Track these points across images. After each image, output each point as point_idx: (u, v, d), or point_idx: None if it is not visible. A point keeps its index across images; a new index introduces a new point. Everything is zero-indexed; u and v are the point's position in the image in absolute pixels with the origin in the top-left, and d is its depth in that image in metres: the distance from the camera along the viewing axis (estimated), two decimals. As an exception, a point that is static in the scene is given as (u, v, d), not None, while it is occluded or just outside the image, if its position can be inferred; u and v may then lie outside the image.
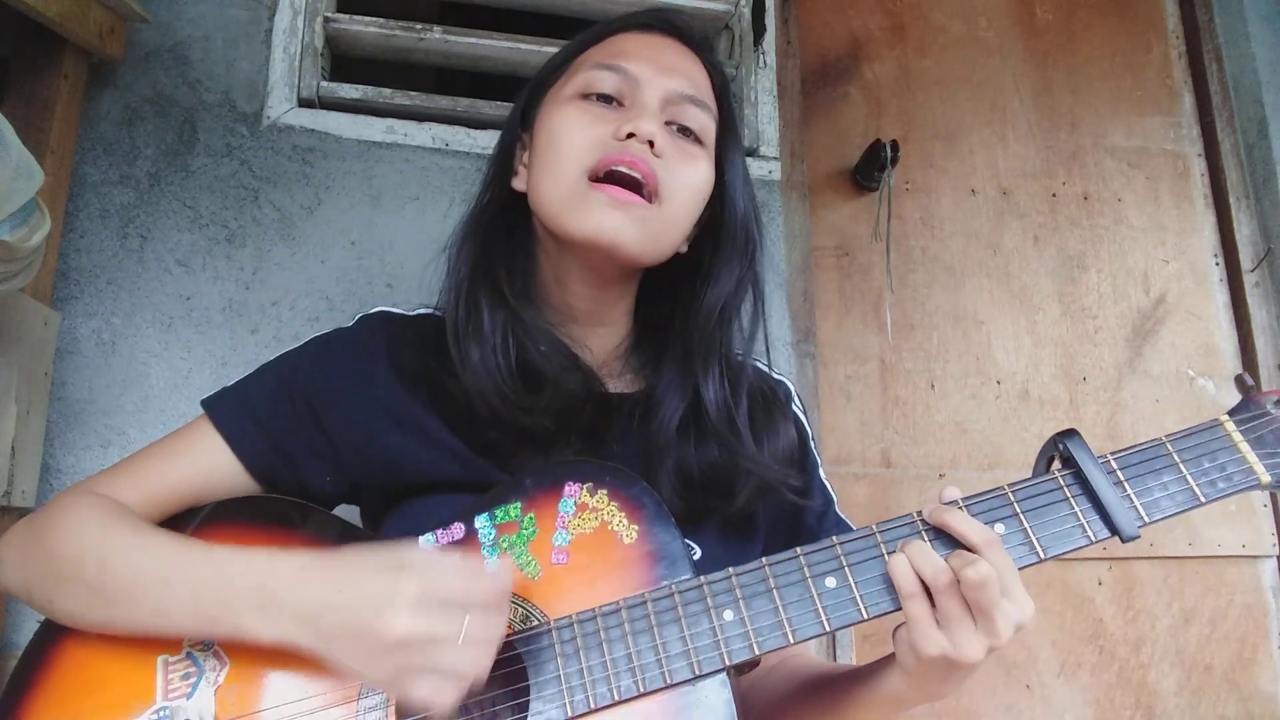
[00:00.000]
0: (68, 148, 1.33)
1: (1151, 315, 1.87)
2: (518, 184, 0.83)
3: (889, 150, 1.68)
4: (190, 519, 0.77)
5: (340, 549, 0.66)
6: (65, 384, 1.30)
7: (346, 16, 1.52)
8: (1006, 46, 1.95)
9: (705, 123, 0.80)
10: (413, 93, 1.53)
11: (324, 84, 1.50)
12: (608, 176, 0.74)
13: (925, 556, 0.63)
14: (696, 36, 0.85)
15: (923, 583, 0.63)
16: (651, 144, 0.75)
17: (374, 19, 1.52)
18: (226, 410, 0.80)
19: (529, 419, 0.76)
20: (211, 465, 0.78)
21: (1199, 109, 2.01)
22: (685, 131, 0.79)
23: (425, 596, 0.60)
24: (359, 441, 0.79)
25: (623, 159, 0.73)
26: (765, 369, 0.93)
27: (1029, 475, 0.71)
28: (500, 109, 1.55)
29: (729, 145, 0.84)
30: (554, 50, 1.54)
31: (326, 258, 1.43)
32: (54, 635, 0.72)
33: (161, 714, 0.67)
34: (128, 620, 0.68)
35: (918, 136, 1.84)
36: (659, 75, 0.78)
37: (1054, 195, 1.89)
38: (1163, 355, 1.85)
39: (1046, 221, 1.87)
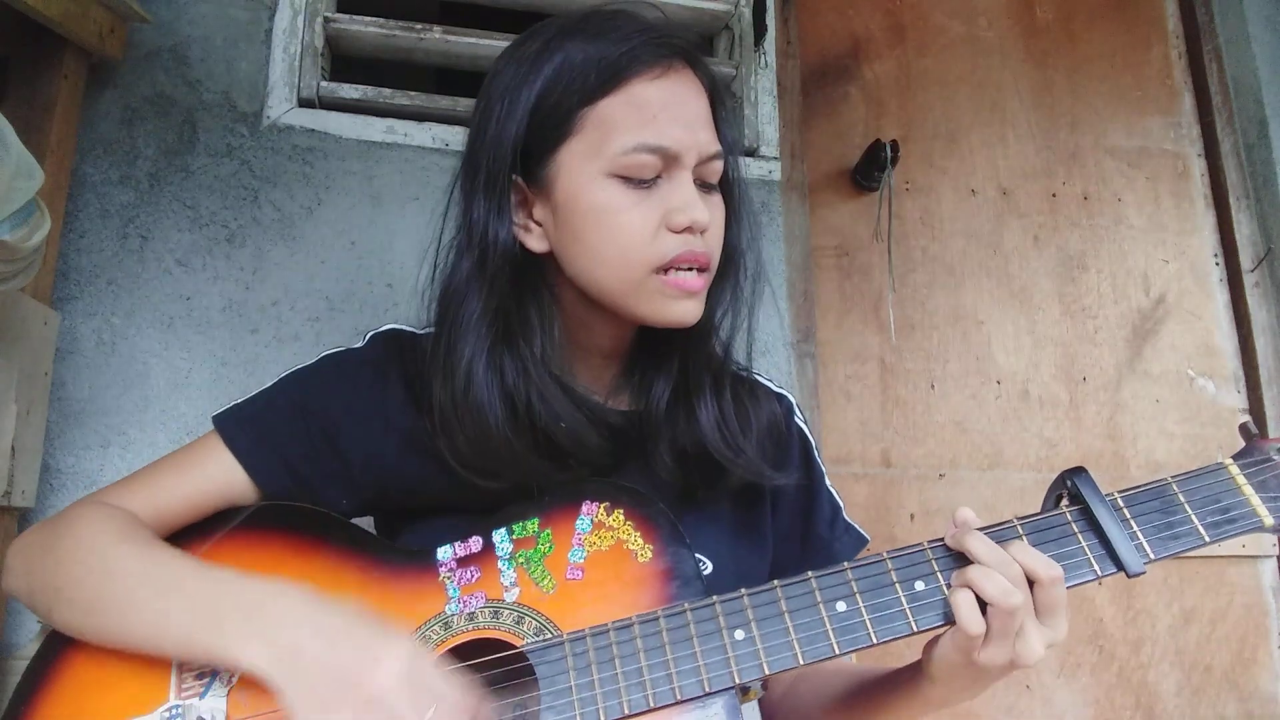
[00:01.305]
0: (68, 148, 1.33)
1: (1151, 315, 1.87)
2: (533, 243, 0.76)
3: (889, 150, 1.68)
4: (233, 516, 0.78)
5: (346, 597, 0.68)
6: (65, 384, 1.30)
7: (346, 16, 1.52)
8: (1006, 46, 1.95)
9: (721, 169, 0.79)
10: (413, 93, 1.53)
11: (324, 84, 1.50)
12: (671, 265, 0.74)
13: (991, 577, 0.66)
14: (693, 51, 0.79)
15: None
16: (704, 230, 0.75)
17: (374, 19, 1.52)
18: (240, 431, 0.79)
19: (543, 480, 0.77)
20: (224, 485, 0.78)
21: (1199, 109, 2.01)
22: (707, 186, 0.77)
23: (414, 667, 0.62)
24: (374, 466, 0.79)
25: (688, 259, 0.73)
26: (765, 382, 0.93)
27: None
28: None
29: (730, 173, 0.81)
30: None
31: (326, 258, 1.43)
32: None
33: (173, 712, 0.67)
34: (122, 633, 0.68)
35: (918, 136, 1.85)
36: (690, 135, 0.74)
37: (1054, 195, 1.89)
38: (1163, 355, 1.85)
39: (1046, 221, 1.87)
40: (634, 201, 0.72)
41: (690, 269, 0.74)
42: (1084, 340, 1.83)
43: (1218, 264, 1.93)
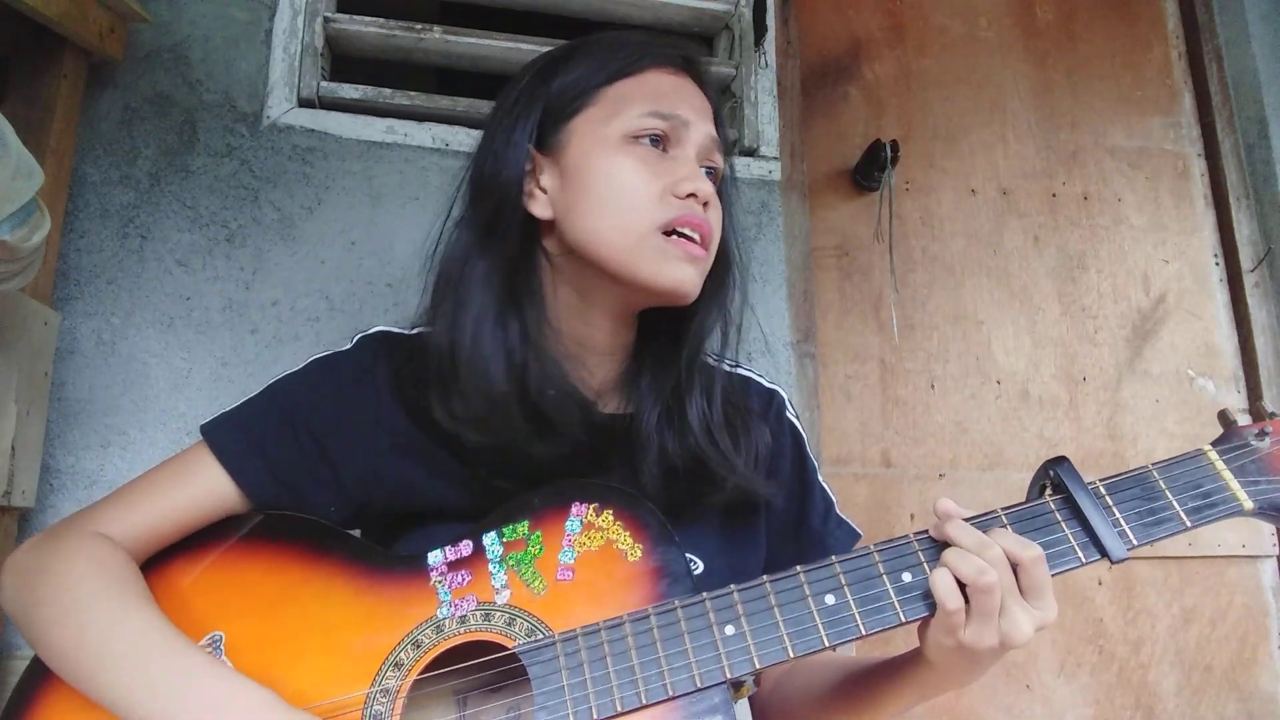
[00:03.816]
0: (68, 148, 1.33)
1: (1151, 315, 1.87)
2: (538, 210, 0.79)
3: (889, 150, 1.68)
4: (237, 527, 0.78)
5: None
6: (65, 384, 1.30)
7: (346, 16, 1.52)
8: (1006, 46, 1.95)
9: (721, 161, 0.84)
10: (413, 93, 1.53)
11: (324, 84, 1.50)
12: (675, 231, 0.76)
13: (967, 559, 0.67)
14: (705, 69, 0.86)
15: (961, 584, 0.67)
16: (706, 203, 0.78)
17: (374, 19, 1.52)
18: (229, 442, 0.79)
19: (525, 460, 0.77)
20: (214, 496, 0.78)
21: (1199, 109, 2.01)
22: (711, 173, 0.81)
23: None
24: (364, 472, 0.79)
25: (690, 221, 0.76)
26: (757, 378, 0.93)
27: (1027, 473, 0.73)
28: (500, 109, 1.55)
29: (726, 179, 0.86)
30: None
31: (326, 258, 1.43)
32: None
33: None
34: (88, 692, 0.68)
35: (918, 136, 1.85)
36: (697, 116, 0.80)
37: (1054, 195, 1.89)
38: (1163, 355, 1.85)
39: (1046, 221, 1.87)
40: (643, 164, 0.77)
41: (694, 238, 0.76)
42: (1084, 340, 1.83)
43: (1218, 264, 1.93)
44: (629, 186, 0.76)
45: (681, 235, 0.76)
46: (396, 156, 1.49)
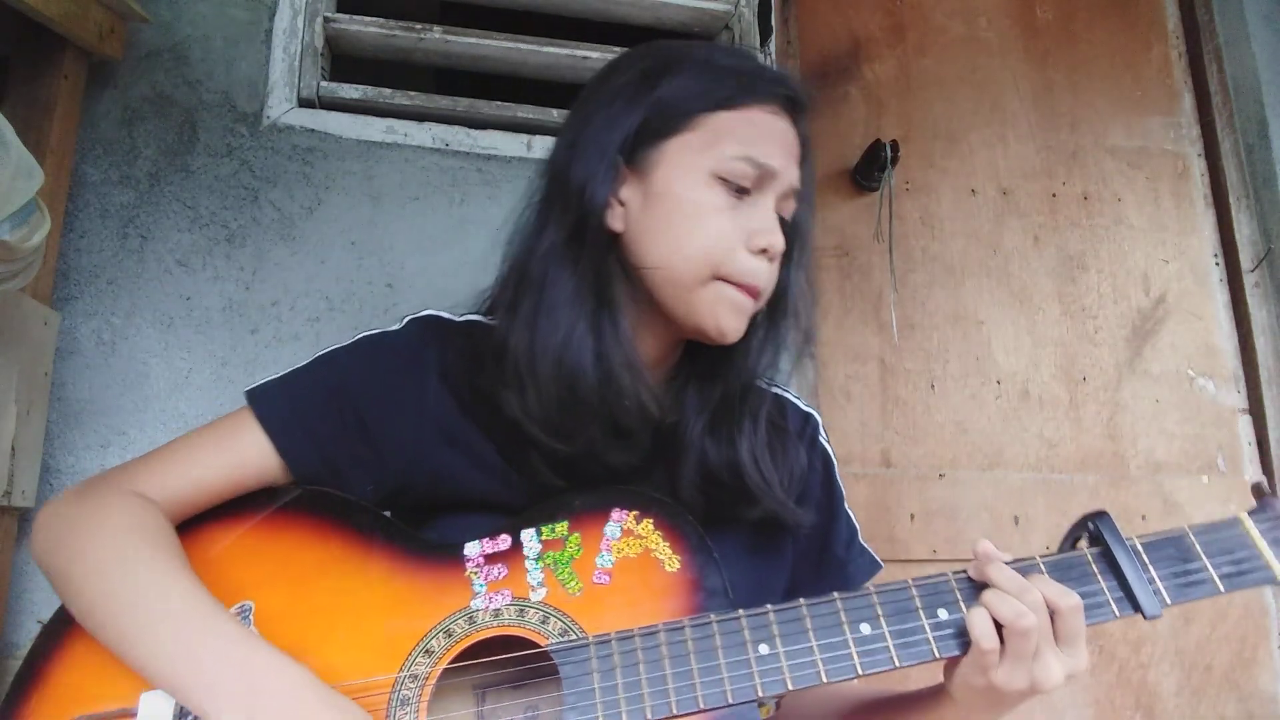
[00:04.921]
0: (68, 148, 1.33)
1: (1151, 315, 1.87)
2: (615, 222, 0.78)
3: (889, 150, 1.68)
4: (274, 498, 0.78)
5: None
6: (65, 384, 1.30)
7: (346, 16, 1.52)
8: (1006, 46, 1.95)
9: (794, 207, 0.82)
10: (413, 93, 1.53)
11: (324, 84, 1.50)
12: (733, 281, 0.77)
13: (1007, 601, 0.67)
14: (804, 109, 0.84)
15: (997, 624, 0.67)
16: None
17: (374, 19, 1.53)
18: (274, 411, 0.78)
19: (591, 462, 0.77)
20: (255, 464, 0.78)
21: (1199, 109, 2.01)
22: (782, 221, 0.81)
23: None
24: (407, 456, 0.79)
25: (751, 282, 0.76)
26: (794, 399, 0.94)
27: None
28: (501, 109, 1.55)
29: (801, 222, 0.84)
30: (554, 50, 1.57)
31: (326, 258, 1.43)
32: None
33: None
34: (118, 651, 0.67)
35: (918, 136, 1.84)
36: (786, 165, 0.79)
37: (1054, 195, 1.89)
38: (1163, 355, 1.85)
39: (1046, 221, 1.87)
40: (726, 207, 0.76)
41: (749, 293, 0.77)
42: (1084, 340, 1.83)
43: (1218, 264, 1.93)
44: (710, 229, 0.75)
45: (738, 285, 0.76)
46: (396, 156, 1.49)
